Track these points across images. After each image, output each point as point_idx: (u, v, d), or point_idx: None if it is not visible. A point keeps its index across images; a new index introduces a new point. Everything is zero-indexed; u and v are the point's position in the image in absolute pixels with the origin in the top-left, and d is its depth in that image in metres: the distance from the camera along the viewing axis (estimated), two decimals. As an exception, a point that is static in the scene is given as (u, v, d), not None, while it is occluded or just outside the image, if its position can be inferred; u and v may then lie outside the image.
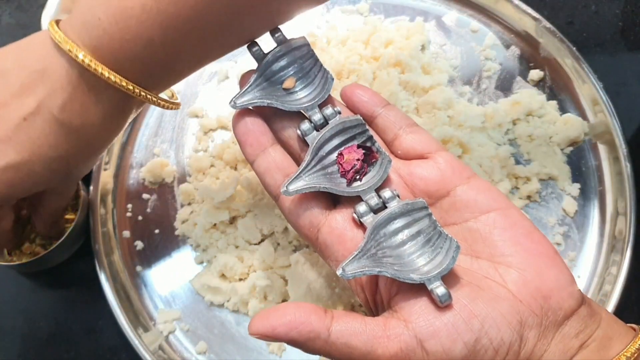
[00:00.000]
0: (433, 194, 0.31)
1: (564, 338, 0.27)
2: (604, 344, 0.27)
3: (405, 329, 0.27)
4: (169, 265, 0.51)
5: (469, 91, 0.56)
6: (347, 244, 0.30)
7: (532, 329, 0.26)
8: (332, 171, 0.31)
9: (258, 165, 0.32)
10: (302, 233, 0.32)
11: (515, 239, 0.29)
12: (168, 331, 0.48)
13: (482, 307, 0.26)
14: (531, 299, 0.27)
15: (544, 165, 0.52)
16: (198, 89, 0.58)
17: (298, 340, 0.27)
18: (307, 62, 0.33)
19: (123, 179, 0.55)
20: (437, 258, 0.28)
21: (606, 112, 0.52)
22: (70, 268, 0.52)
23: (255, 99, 0.31)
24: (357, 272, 0.27)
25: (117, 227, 0.53)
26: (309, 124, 0.31)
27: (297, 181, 0.30)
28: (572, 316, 0.27)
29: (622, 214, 0.49)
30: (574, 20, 0.60)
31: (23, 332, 0.50)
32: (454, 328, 0.26)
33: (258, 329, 0.27)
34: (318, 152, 0.31)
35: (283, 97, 0.32)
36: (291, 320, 0.26)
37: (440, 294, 0.26)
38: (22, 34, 0.63)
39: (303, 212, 0.31)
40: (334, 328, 0.27)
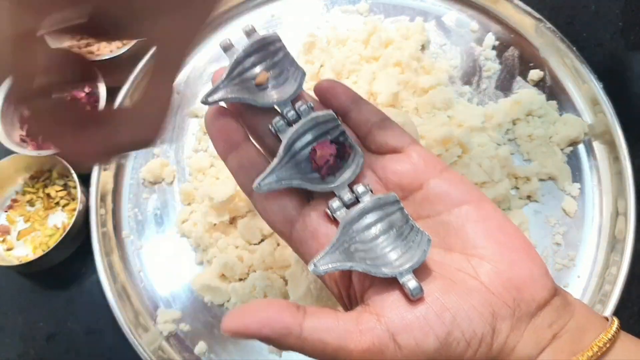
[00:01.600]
0: (406, 187, 0.31)
1: (537, 329, 0.27)
2: (577, 334, 0.27)
3: (378, 323, 0.26)
4: (169, 265, 0.51)
5: (469, 91, 0.56)
6: (321, 239, 0.29)
7: (505, 320, 0.26)
8: (306, 166, 0.31)
9: (230, 162, 0.32)
10: (276, 229, 0.31)
11: (487, 231, 0.28)
12: (168, 331, 0.48)
13: (454, 300, 0.26)
14: (504, 290, 0.27)
15: (544, 165, 0.52)
16: (198, 89, 0.58)
17: (271, 337, 0.26)
18: (279, 57, 0.32)
19: (123, 179, 0.55)
20: (409, 252, 0.28)
21: (606, 112, 0.52)
22: (70, 268, 0.52)
23: (227, 95, 0.30)
24: (329, 268, 0.27)
25: (117, 227, 0.53)
26: (282, 120, 0.31)
27: (269, 177, 0.29)
28: (545, 307, 0.27)
29: (622, 213, 0.49)
30: (574, 20, 0.60)
31: (23, 332, 0.50)
32: (426, 321, 0.26)
33: (230, 327, 0.26)
34: (291, 147, 0.30)
35: (256, 93, 0.31)
36: (263, 317, 0.26)
37: (412, 288, 0.26)
38: (22, 34, 0.64)
39: (276, 208, 0.31)
40: (307, 324, 0.27)
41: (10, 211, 0.54)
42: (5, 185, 0.54)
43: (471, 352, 0.26)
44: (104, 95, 0.53)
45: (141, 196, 0.54)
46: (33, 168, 0.54)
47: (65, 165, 0.51)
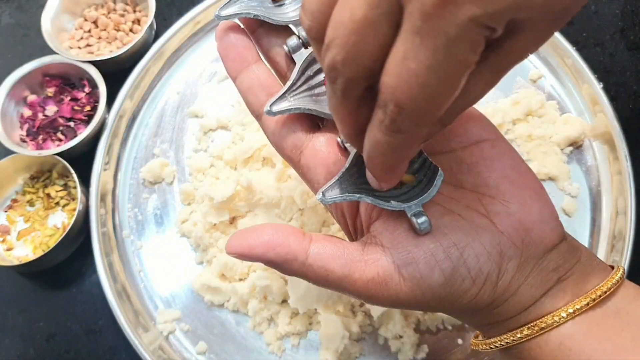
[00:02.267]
0: None
1: (543, 271, 0.27)
2: (581, 278, 0.27)
3: (384, 254, 0.26)
4: (169, 265, 0.51)
5: (469, 91, 0.56)
6: (330, 167, 0.29)
7: (512, 260, 0.26)
8: (319, 92, 0.29)
9: (240, 82, 0.31)
10: (285, 154, 0.31)
11: (501, 170, 0.28)
12: (168, 331, 0.48)
13: (462, 237, 0.26)
14: (513, 231, 0.27)
15: (544, 165, 0.52)
16: (198, 89, 0.58)
17: (275, 261, 0.26)
18: None
19: (123, 179, 0.55)
20: (420, 185, 0.27)
21: (606, 112, 0.52)
22: (70, 268, 0.52)
23: (241, 9, 0.29)
24: (337, 198, 0.27)
25: (117, 227, 0.53)
26: (297, 40, 0.29)
27: (281, 101, 0.28)
28: (552, 250, 0.27)
29: (622, 213, 0.49)
30: (574, 20, 0.60)
31: (23, 332, 0.50)
32: (433, 256, 0.26)
33: (235, 248, 0.26)
34: (305, 71, 0.29)
35: (271, 10, 0.30)
36: (269, 240, 0.26)
37: (420, 222, 0.26)
38: (22, 34, 0.64)
39: (286, 133, 0.29)
40: (312, 250, 0.26)
41: (10, 211, 0.54)
42: (5, 185, 0.54)
43: (475, 289, 0.26)
44: (104, 95, 0.53)
45: (141, 196, 0.54)
46: (33, 168, 0.54)
47: (66, 165, 0.51)
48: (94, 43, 0.59)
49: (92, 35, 0.60)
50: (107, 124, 0.54)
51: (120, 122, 0.55)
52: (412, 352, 0.46)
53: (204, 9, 0.59)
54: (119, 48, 0.58)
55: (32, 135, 0.55)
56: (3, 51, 0.62)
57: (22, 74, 0.55)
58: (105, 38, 0.60)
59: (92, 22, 0.60)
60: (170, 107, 0.58)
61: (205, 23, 0.60)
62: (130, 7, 0.61)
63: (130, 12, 0.61)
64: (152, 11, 0.58)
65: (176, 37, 0.58)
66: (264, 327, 0.48)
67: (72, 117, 0.55)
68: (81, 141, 0.52)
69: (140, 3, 0.60)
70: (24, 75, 0.55)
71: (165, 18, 0.62)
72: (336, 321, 0.45)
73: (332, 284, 0.27)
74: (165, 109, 0.57)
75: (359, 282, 0.26)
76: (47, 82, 0.56)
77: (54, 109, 0.56)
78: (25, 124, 0.55)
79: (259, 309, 0.47)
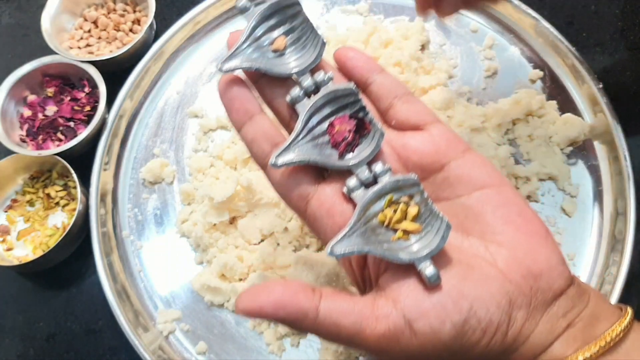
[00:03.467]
0: (427, 167, 0.30)
1: (552, 318, 0.27)
2: (590, 323, 0.27)
3: (394, 309, 0.26)
4: (169, 265, 0.51)
5: (468, 91, 0.56)
6: (337, 217, 0.29)
7: (521, 309, 0.26)
8: (323, 142, 0.29)
9: (245, 133, 0.31)
10: (291, 205, 0.31)
11: (507, 217, 0.28)
12: (168, 331, 0.48)
13: (472, 288, 0.26)
14: (521, 278, 0.27)
15: (543, 165, 0.52)
16: (198, 89, 0.58)
17: (286, 319, 0.26)
18: (298, 22, 0.31)
19: (123, 179, 0.55)
20: (428, 237, 0.27)
21: (606, 112, 0.52)
22: (70, 268, 0.52)
23: (243, 62, 0.29)
24: (346, 252, 0.27)
25: (117, 227, 0.53)
26: (299, 91, 0.30)
27: (286, 153, 0.28)
28: (561, 296, 0.27)
29: (622, 214, 0.49)
30: (574, 20, 0.60)
31: (23, 332, 0.50)
32: (443, 309, 0.26)
33: (245, 307, 0.26)
34: (308, 121, 0.29)
35: (272, 60, 0.30)
36: (279, 299, 0.26)
37: (429, 275, 0.26)
38: (22, 34, 0.64)
39: (292, 184, 0.30)
40: (322, 307, 0.26)
41: (10, 211, 0.54)
42: (5, 185, 0.54)
43: (486, 340, 0.26)
44: (104, 95, 0.54)
45: (141, 196, 0.54)
46: (33, 168, 0.54)
47: (65, 165, 0.51)
48: (94, 43, 0.59)
49: (92, 35, 0.60)
50: (107, 124, 0.54)
51: (120, 122, 0.55)
52: (412, 352, 0.46)
53: (204, 9, 0.59)
54: (119, 48, 0.58)
55: (32, 136, 0.55)
56: (3, 51, 0.62)
57: (22, 74, 0.55)
58: (105, 38, 0.60)
59: (92, 22, 0.60)
60: (170, 107, 0.58)
61: (205, 23, 0.60)
62: (130, 7, 0.61)
63: (130, 12, 0.61)
64: (152, 11, 0.58)
65: (176, 37, 0.58)
66: (264, 327, 0.48)
67: (72, 117, 0.55)
68: (81, 141, 0.52)
69: (140, 3, 0.60)
70: (23, 75, 0.55)
71: (165, 18, 0.62)
72: (336, 321, 0.45)
73: (343, 340, 0.27)
74: (165, 109, 0.58)
75: (370, 339, 0.26)
76: (47, 82, 0.56)
77: (54, 109, 0.56)
78: (25, 124, 0.55)
79: (259, 309, 0.47)
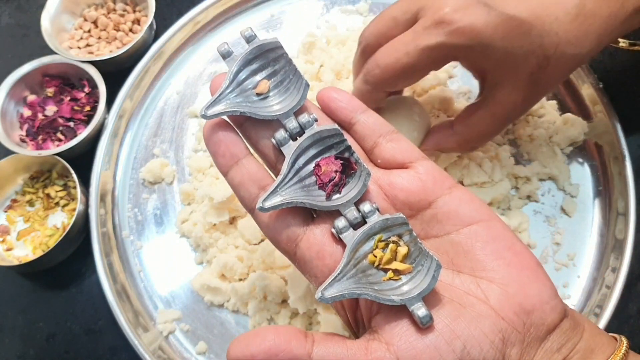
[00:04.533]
0: (414, 205, 0.30)
1: (547, 353, 0.27)
2: (586, 356, 0.27)
3: (387, 352, 0.26)
4: (169, 265, 0.51)
5: (468, 91, 0.56)
6: (326, 259, 0.29)
7: (515, 346, 0.26)
8: (310, 183, 0.30)
9: (232, 177, 0.31)
10: (280, 248, 0.31)
11: (497, 252, 0.28)
12: (168, 331, 0.48)
13: (464, 327, 0.26)
14: (513, 315, 0.26)
15: (544, 165, 0.52)
16: (198, 89, 0.58)
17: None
18: (280, 65, 0.31)
19: (123, 179, 0.55)
20: (418, 277, 0.27)
21: (606, 112, 0.52)
22: (70, 268, 0.52)
23: (227, 108, 0.29)
24: (337, 296, 0.27)
25: (117, 227, 0.53)
26: (284, 133, 0.30)
27: (273, 197, 0.28)
28: (555, 330, 0.27)
29: (622, 214, 0.49)
30: (574, 20, 0.60)
31: (23, 332, 0.50)
32: (436, 350, 0.26)
33: (237, 355, 0.26)
34: (294, 163, 0.29)
35: (256, 104, 0.30)
36: (271, 346, 0.26)
37: (422, 316, 0.26)
38: (22, 34, 0.64)
39: (280, 227, 0.30)
40: (315, 353, 0.26)
41: (10, 211, 0.54)
42: (5, 185, 0.54)
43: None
44: (104, 95, 0.53)
45: (141, 196, 0.54)
46: (33, 168, 0.54)
47: (65, 165, 0.51)
48: (94, 43, 0.59)
49: (91, 35, 0.60)
50: (107, 124, 0.54)
51: (120, 122, 0.55)
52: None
53: (204, 9, 0.59)
54: (119, 48, 0.58)
55: (31, 136, 0.55)
56: (3, 51, 0.62)
57: (21, 74, 0.55)
58: (105, 38, 0.60)
59: (92, 22, 0.60)
60: (170, 107, 0.58)
61: (205, 23, 0.60)
62: (130, 7, 0.61)
63: (130, 12, 0.61)
64: (151, 11, 0.58)
65: (176, 37, 0.58)
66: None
67: (71, 117, 0.55)
68: (81, 141, 0.52)
69: (140, 3, 0.60)
70: (23, 75, 0.55)
71: (165, 18, 0.62)
72: (336, 321, 0.45)
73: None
74: (165, 109, 0.58)
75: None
76: (47, 82, 0.56)
77: (54, 109, 0.56)
78: (25, 124, 0.55)
79: (259, 309, 0.47)
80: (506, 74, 0.39)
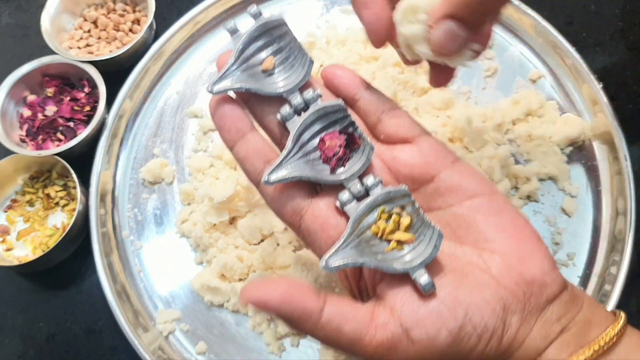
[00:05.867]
0: (417, 179, 0.30)
1: (546, 323, 0.27)
2: (584, 328, 0.27)
3: (391, 317, 0.27)
4: (169, 265, 0.51)
5: (468, 91, 0.56)
6: (331, 231, 0.29)
7: (515, 314, 0.27)
8: (314, 157, 0.30)
9: (237, 151, 0.31)
10: (285, 220, 0.31)
11: (499, 224, 0.29)
12: (168, 331, 0.48)
13: (466, 295, 0.27)
14: (514, 284, 0.27)
15: (543, 165, 0.52)
16: (197, 89, 0.58)
17: (290, 316, 0.26)
18: (285, 42, 0.31)
19: (123, 179, 0.55)
20: (420, 247, 0.28)
21: (606, 112, 0.52)
22: (70, 268, 0.52)
23: (233, 83, 0.30)
24: (341, 265, 0.27)
25: (117, 227, 0.53)
26: (289, 109, 0.30)
27: (278, 170, 0.29)
28: (554, 301, 0.27)
29: (622, 213, 0.49)
30: (574, 20, 0.60)
31: (23, 332, 0.50)
32: (439, 316, 0.26)
33: (251, 297, 0.26)
34: (299, 138, 0.30)
35: (262, 80, 0.31)
36: (285, 294, 0.26)
37: (424, 283, 0.26)
38: (22, 34, 0.64)
39: (285, 199, 0.30)
40: (326, 311, 0.26)
41: (10, 211, 0.54)
42: (5, 185, 0.54)
43: (482, 346, 0.26)
44: (104, 95, 0.53)
45: (141, 196, 0.54)
46: (33, 168, 0.54)
47: (65, 166, 0.51)
48: (94, 43, 0.59)
49: (91, 35, 0.60)
50: (107, 124, 0.54)
51: (120, 122, 0.55)
52: (412, 352, 0.46)
53: (204, 9, 0.59)
54: (119, 48, 0.58)
55: (31, 136, 0.55)
56: (3, 51, 0.62)
57: (21, 74, 0.55)
58: (105, 38, 0.60)
59: (92, 22, 0.60)
60: (170, 107, 0.58)
61: (204, 23, 0.60)
62: (130, 7, 0.61)
63: (130, 12, 0.61)
64: (151, 11, 0.58)
65: (176, 37, 0.58)
66: (264, 327, 0.48)
67: (71, 117, 0.55)
68: (81, 141, 0.52)
69: (140, 3, 0.60)
70: (23, 75, 0.55)
71: (165, 18, 0.62)
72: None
73: (342, 346, 0.27)
74: (165, 109, 0.57)
75: (369, 347, 0.26)
76: (47, 82, 0.56)
77: (54, 109, 0.56)
78: (25, 124, 0.55)
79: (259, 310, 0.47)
80: None
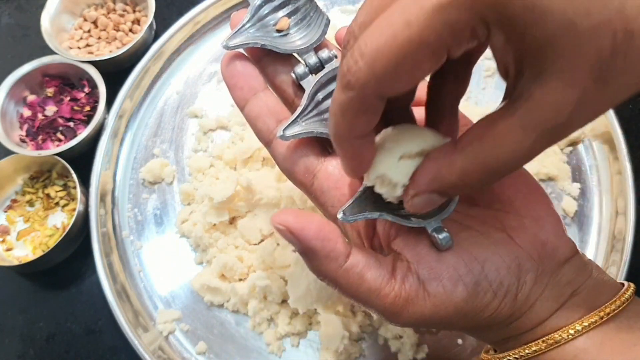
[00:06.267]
0: None
1: (558, 284, 0.27)
2: (594, 293, 0.27)
3: (409, 271, 0.27)
4: (169, 265, 0.51)
5: (468, 91, 0.56)
6: (344, 189, 0.29)
7: (529, 273, 0.27)
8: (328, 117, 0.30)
9: (249, 110, 0.31)
10: (296, 179, 0.31)
11: (514, 186, 0.29)
12: (168, 331, 0.48)
13: (482, 251, 0.27)
14: (529, 244, 0.27)
15: (544, 165, 0.52)
16: (197, 89, 0.58)
17: (318, 252, 0.26)
18: (302, 1, 0.31)
19: (123, 179, 0.55)
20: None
21: (606, 112, 0.52)
22: (70, 268, 0.52)
23: (248, 39, 0.30)
24: (359, 216, 0.27)
25: (117, 227, 0.53)
26: (304, 68, 0.30)
27: (293, 126, 0.29)
28: (566, 264, 0.28)
29: (622, 213, 0.49)
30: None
31: (23, 332, 0.50)
32: (455, 271, 0.26)
33: (285, 222, 0.25)
34: (314, 97, 0.30)
35: (277, 39, 0.31)
36: (321, 230, 0.26)
37: (442, 238, 0.26)
38: (22, 34, 0.64)
39: (298, 158, 0.30)
40: (353, 255, 0.26)
41: (10, 211, 0.54)
42: (5, 186, 0.54)
43: (496, 302, 0.27)
44: (104, 95, 0.53)
45: (141, 196, 0.54)
46: (33, 168, 0.54)
47: (65, 166, 0.51)
48: (94, 43, 0.59)
49: (91, 35, 0.60)
50: (107, 124, 0.54)
51: (120, 122, 0.55)
52: (411, 352, 0.46)
53: (204, 9, 0.59)
54: (119, 48, 0.58)
55: (31, 136, 0.55)
56: (3, 51, 0.62)
57: (21, 74, 0.55)
58: (104, 38, 0.60)
59: (92, 22, 0.60)
60: (170, 107, 0.58)
61: (204, 23, 0.60)
62: (130, 7, 0.61)
63: (130, 12, 0.61)
64: (151, 11, 0.58)
65: (176, 37, 0.58)
66: (264, 327, 0.48)
67: (71, 117, 0.55)
68: (81, 141, 0.52)
69: (140, 3, 0.60)
70: (23, 75, 0.55)
71: (165, 18, 0.62)
72: (336, 321, 0.45)
73: (360, 295, 0.27)
74: (164, 109, 0.57)
75: (387, 298, 0.26)
76: (47, 82, 0.56)
77: (54, 109, 0.56)
78: (25, 124, 0.55)
79: (259, 309, 0.47)
80: (558, 59, 0.20)
